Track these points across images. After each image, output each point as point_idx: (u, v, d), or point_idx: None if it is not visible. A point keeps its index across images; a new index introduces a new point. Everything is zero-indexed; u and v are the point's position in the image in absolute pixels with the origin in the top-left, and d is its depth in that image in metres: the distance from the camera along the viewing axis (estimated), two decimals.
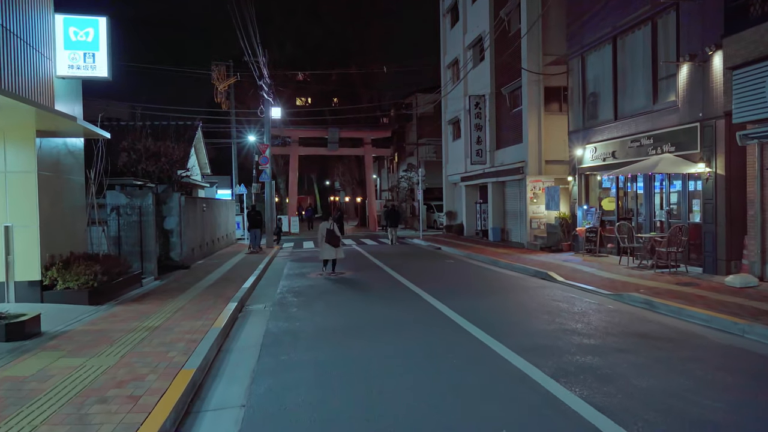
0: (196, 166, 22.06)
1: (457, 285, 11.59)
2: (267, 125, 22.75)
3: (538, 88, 18.94)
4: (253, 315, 8.80)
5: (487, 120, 22.87)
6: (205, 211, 17.95)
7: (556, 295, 9.79)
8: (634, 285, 10.19)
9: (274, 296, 10.53)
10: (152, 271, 12.14)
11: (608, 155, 14.42)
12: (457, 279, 12.64)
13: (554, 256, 15.68)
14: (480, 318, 7.82)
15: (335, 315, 8.55)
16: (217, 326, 7.30)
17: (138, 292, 10.37)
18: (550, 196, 17.70)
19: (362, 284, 12.00)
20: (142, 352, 5.98)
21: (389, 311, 8.74)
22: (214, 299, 9.54)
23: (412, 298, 9.91)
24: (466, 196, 26.52)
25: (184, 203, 14.88)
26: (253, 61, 20.87)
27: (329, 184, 64.54)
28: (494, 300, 9.54)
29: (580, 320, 7.65)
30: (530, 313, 8.19)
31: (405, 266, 14.89)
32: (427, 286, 11.12)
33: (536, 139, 19.02)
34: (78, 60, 9.15)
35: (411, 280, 11.97)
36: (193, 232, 16.10)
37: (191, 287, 11.08)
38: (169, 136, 15.64)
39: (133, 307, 8.74)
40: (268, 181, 22.26)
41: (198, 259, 16.60)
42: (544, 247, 17.49)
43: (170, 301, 9.31)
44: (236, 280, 12.20)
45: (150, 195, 12.13)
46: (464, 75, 25.54)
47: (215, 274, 13.33)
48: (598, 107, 15.15)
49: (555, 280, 11.58)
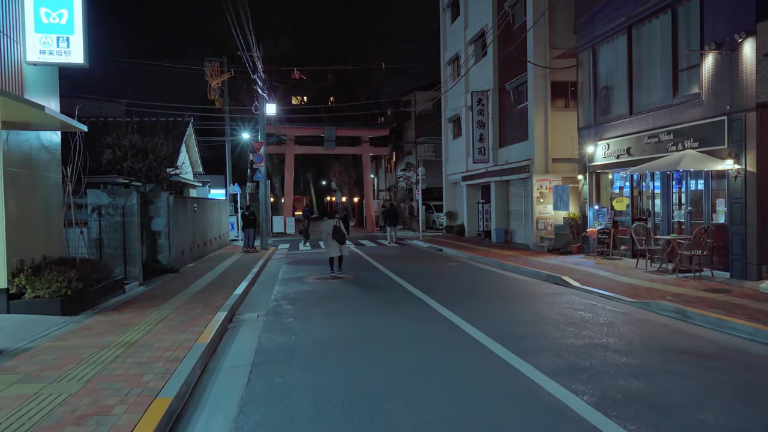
0: (188, 165, 21.18)
1: (465, 291, 10.77)
2: (261, 122, 21.88)
3: (545, 83, 18.15)
4: (245, 326, 7.95)
5: (490, 117, 22.08)
6: (196, 211, 17.08)
7: (575, 303, 8.98)
8: (658, 291, 9.39)
9: (268, 303, 9.69)
10: (137, 276, 11.27)
11: (622, 152, 13.63)
12: (464, 284, 11.82)
13: (564, 258, 14.88)
14: (498, 331, 7.00)
15: (336, 326, 7.71)
16: (202, 341, 6.46)
17: (119, 300, 9.51)
18: (558, 196, 16.90)
19: (363, 289, 11.17)
20: (113, 376, 5.13)
21: (395, 322, 7.90)
22: (202, 308, 8.69)
23: (419, 306, 9.08)
24: (468, 195, 25.72)
25: (173, 203, 14.01)
26: (248, 56, 20.02)
27: (326, 184, 63.69)
28: (509, 309, 8.72)
29: (610, 333, 6.83)
30: (552, 325, 7.37)
31: (407, 270, 14.07)
32: (433, 292, 10.30)
33: (543, 136, 18.22)
34: (50, 44, 8.28)
35: (415, 285, 11.15)
36: (183, 233, 15.23)
37: (178, 294, 10.23)
38: (157, 133, 14.76)
39: (111, 318, 7.87)
40: (263, 180, 21.39)
41: (189, 261, 15.73)
42: (551, 249, 16.70)
43: (153, 311, 8.46)
44: (228, 285, 11.35)
45: (134, 194, 11.27)
46: (466, 71, 24.75)
47: (205, 279, 12.47)
48: (611, 102, 14.36)
49: (570, 285, 10.77)
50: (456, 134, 27.98)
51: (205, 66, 29.50)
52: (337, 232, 12.91)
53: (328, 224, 13.19)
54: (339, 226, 13.01)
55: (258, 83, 19.99)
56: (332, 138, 32.02)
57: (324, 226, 13.34)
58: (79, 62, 8.44)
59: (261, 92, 21.02)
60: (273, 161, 36.45)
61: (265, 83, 21.39)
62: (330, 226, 13.06)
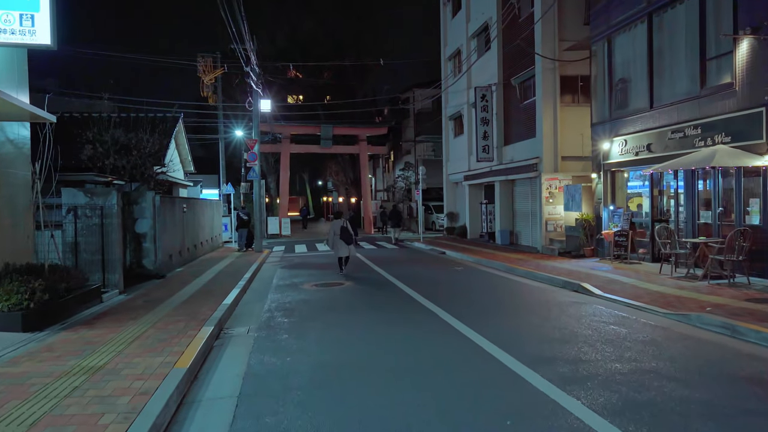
0: (177, 163, 20.16)
1: (477, 300, 9.81)
2: (255, 119, 20.89)
3: (554, 77, 17.23)
4: (233, 343, 6.98)
5: (494, 114, 21.15)
6: (185, 212, 16.08)
7: (603, 315, 8.04)
8: (693, 301, 8.47)
9: (260, 315, 8.71)
10: (117, 284, 10.27)
11: (642, 149, 12.72)
12: (474, 292, 10.86)
13: (577, 262, 13.95)
14: (525, 351, 6.06)
15: (337, 344, 6.74)
16: (181, 366, 5.49)
17: (94, 311, 8.52)
18: (569, 196, 15.98)
19: (366, 299, 10.20)
20: (65, 416, 4.16)
21: (405, 339, 6.94)
22: (186, 321, 7.71)
23: (429, 318, 8.13)
24: (470, 196, 24.78)
25: (160, 203, 13.02)
26: (241, 48, 19.04)
27: (322, 185, 62.71)
28: (530, 322, 7.77)
29: (656, 355, 5.89)
30: (587, 344, 6.42)
31: (410, 275, 13.11)
32: (443, 301, 9.35)
33: (552, 133, 17.30)
34: (12, 23, 7.28)
35: (421, 293, 10.19)
36: (170, 236, 14.24)
37: (161, 303, 9.24)
38: (143, 129, 13.76)
39: (79, 335, 6.89)
40: (257, 180, 20.41)
41: (177, 266, 14.73)
42: (562, 252, 15.77)
43: (130, 325, 7.48)
44: (217, 293, 10.37)
45: (114, 194, 10.27)
46: (468, 67, 23.81)
47: (193, 286, 11.48)
48: (629, 95, 13.45)
49: (592, 293, 9.84)
50: (457, 132, 27.05)
51: (197, 62, 28.53)
52: (344, 232, 13.23)
53: (336, 225, 13.45)
54: (346, 226, 13.31)
55: (251, 77, 18.99)
56: (329, 136, 31.04)
57: (331, 227, 13.63)
58: (45, 43, 7.44)
59: (255, 87, 20.03)
60: (268, 160, 35.45)
61: (260, 78, 20.41)
62: (337, 227, 13.33)
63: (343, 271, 13.45)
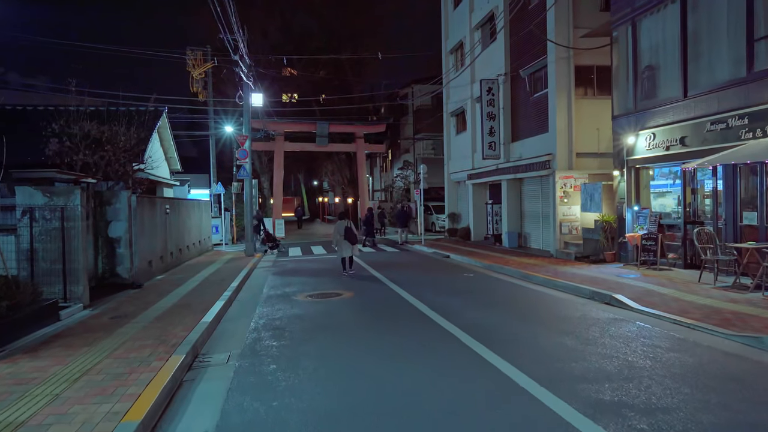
0: (162, 161, 18.77)
1: (496, 315, 8.49)
2: (246, 113, 19.51)
3: (568, 67, 15.93)
4: (208, 377, 5.64)
5: (501, 108, 19.86)
6: (168, 213, 14.71)
7: (653, 337, 6.73)
8: (756, 318, 7.18)
9: (244, 336, 7.37)
10: (81, 297, 8.91)
11: (673, 142, 11.44)
12: (490, 304, 9.54)
13: (599, 268, 12.66)
14: (579, 393, 4.75)
15: (337, 382, 5.40)
16: (132, 418, 4.16)
17: (47, 333, 7.16)
18: (587, 195, 14.68)
19: (368, 314, 8.87)
20: None
21: (423, 375, 5.61)
22: (153, 347, 6.37)
23: (444, 340, 6.81)
24: (474, 195, 23.47)
25: (137, 204, 11.67)
26: (230, 38, 17.67)
27: (317, 185, 61.34)
28: (572, 347, 6.45)
29: (749, 398, 4.59)
30: (655, 381, 5.11)
31: (416, 283, 11.79)
32: (457, 317, 8.03)
33: (566, 128, 16.00)
34: None
35: (432, 307, 8.87)
36: (150, 240, 12.88)
37: (130, 321, 7.90)
38: (119, 123, 12.39)
39: (14, 368, 5.54)
40: (248, 178, 19.04)
41: (158, 273, 13.37)
42: (579, 257, 14.48)
43: (84, 352, 6.14)
44: (197, 306, 9.02)
45: (77, 193, 8.89)
46: (472, 59, 22.49)
47: (172, 297, 10.13)
48: (657, 83, 12.16)
49: (628, 307, 8.54)
50: (459, 129, 25.75)
51: (186, 56, 27.16)
52: (348, 232, 13.40)
53: (340, 225, 13.58)
54: (350, 227, 13.54)
55: (240, 67, 17.61)
56: (325, 133, 29.67)
57: (335, 228, 13.75)
58: None
59: (245, 79, 18.66)
60: (261, 159, 34.06)
61: (250, 70, 19.03)
62: (342, 228, 13.47)
63: (347, 272, 13.50)
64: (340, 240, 13.44)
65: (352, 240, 13.45)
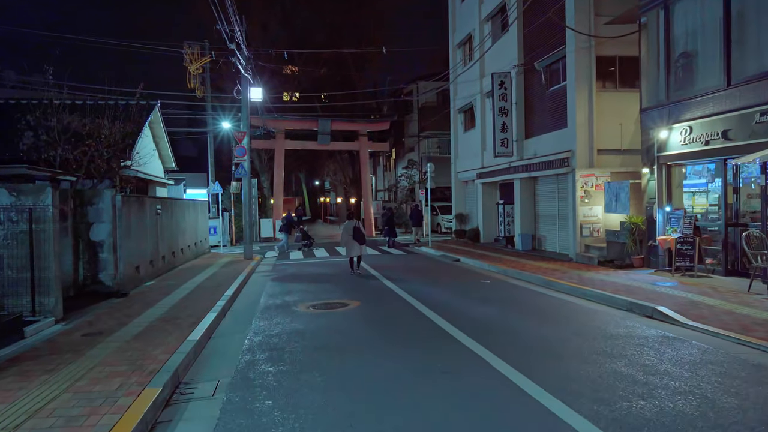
0: (155, 158, 17.71)
1: (530, 333, 7.39)
2: (245, 108, 18.45)
3: (589, 57, 14.84)
4: (187, 419, 4.57)
5: (514, 103, 18.78)
6: (160, 214, 13.64)
7: (723, 362, 5.65)
8: None
9: (237, 358, 6.30)
10: (53, 309, 7.84)
11: (714, 136, 10.36)
12: (520, 319, 8.45)
13: (627, 275, 11.57)
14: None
15: (349, 424, 4.32)
16: None
17: (3, 355, 6.10)
18: (612, 195, 13.59)
19: (379, 330, 7.79)
20: None
21: (453, 415, 4.54)
22: (126, 374, 5.31)
23: (470, 363, 5.73)
24: (483, 195, 22.39)
25: (122, 204, 10.61)
26: (227, 29, 16.60)
27: (319, 184, 60.28)
28: (631, 378, 5.36)
29: None
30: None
31: (428, 292, 10.72)
32: (482, 333, 6.96)
33: (586, 123, 14.92)
34: None
35: (450, 320, 7.80)
36: (138, 243, 11.81)
37: (105, 339, 6.84)
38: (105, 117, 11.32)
39: None
40: (246, 177, 17.99)
41: (147, 279, 12.30)
42: (603, 261, 13.40)
43: (41, 381, 5.07)
44: (185, 320, 7.96)
45: (48, 191, 7.83)
46: (482, 53, 21.41)
47: (158, 308, 9.06)
48: (695, 72, 11.09)
49: (675, 321, 7.47)
50: (468, 126, 24.68)
51: (183, 50, 26.10)
52: (357, 233, 13.56)
53: (349, 226, 13.70)
54: (359, 227, 13.69)
55: (238, 58, 16.53)
56: (327, 131, 28.57)
57: (344, 228, 13.86)
58: None
59: (243, 72, 17.60)
60: (261, 158, 32.99)
61: (249, 62, 17.97)
62: (351, 228, 13.61)
63: (354, 271, 13.69)
64: (349, 240, 13.56)
65: (361, 240, 13.60)
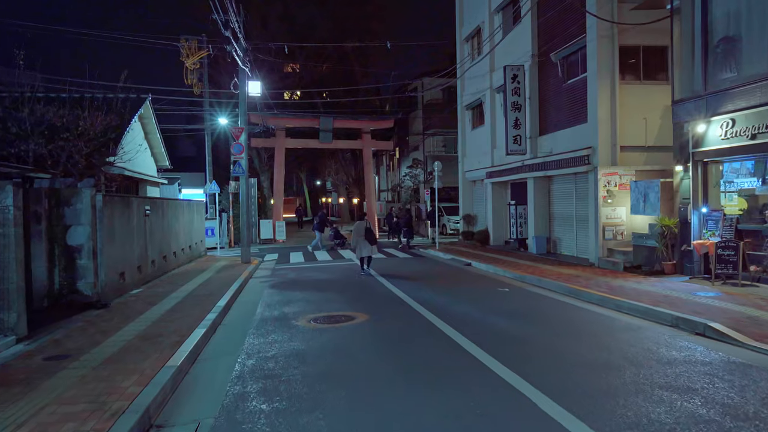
0: (146, 156, 16.66)
1: (572, 359, 6.34)
2: (242, 103, 17.40)
3: (612, 47, 13.76)
4: None
5: (527, 98, 17.72)
6: (149, 215, 12.61)
7: None
8: None
9: (224, 390, 5.24)
10: (14, 327, 6.79)
11: (763, 129, 9.29)
12: (553, 336, 7.38)
13: (661, 283, 10.50)
14: None
15: None
16: None
17: None
18: (639, 194, 12.52)
19: (394, 352, 6.73)
20: None
21: None
22: (84, 416, 4.27)
23: (518, 406, 4.68)
24: (493, 195, 21.31)
25: (104, 205, 9.57)
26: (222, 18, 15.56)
27: (320, 184, 59.21)
28: (716, 422, 4.32)
29: None
30: None
31: (442, 302, 9.67)
32: (513, 358, 5.92)
33: (608, 117, 13.85)
34: None
35: (477, 342, 6.74)
36: (123, 247, 10.76)
37: (70, 364, 5.79)
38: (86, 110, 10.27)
39: None
40: (244, 175, 16.94)
41: (133, 286, 11.26)
42: (629, 267, 12.34)
43: None
44: (167, 337, 6.92)
45: (9, 189, 6.78)
46: (492, 46, 20.33)
47: (140, 322, 8.02)
48: (738, 58, 10.01)
49: (735, 341, 6.41)
50: (476, 123, 23.61)
51: (180, 44, 25.07)
52: (368, 233, 13.64)
53: (360, 226, 13.77)
54: (369, 227, 13.76)
55: (234, 48, 15.48)
56: (329, 128, 27.48)
57: (355, 229, 13.92)
58: None
59: (241, 64, 16.56)
60: (261, 157, 31.95)
61: (246, 54, 16.92)
62: (362, 228, 13.68)
63: (365, 271, 13.77)
64: (360, 240, 13.59)
65: (372, 240, 13.66)
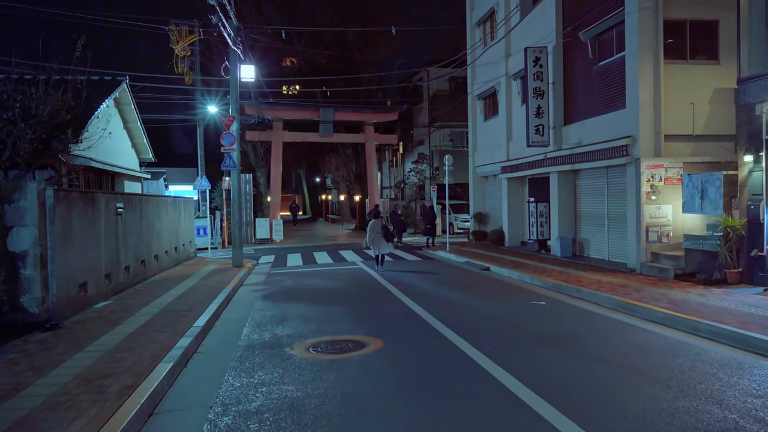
0: (127, 148, 14.85)
1: (672, 420, 4.58)
2: (234, 89, 15.59)
3: (656, 21, 11.99)
4: None
5: (551, 84, 15.95)
6: (122, 214, 10.84)
7: None
8: None
9: None
10: None
11: None
12: (629, 378, 5.62)
13: (730, 295, 8.73)
14: None
15: None
16: None
17: None
18: (694, 190, 10.74)
19: (424, 404, 4.95)
20: None
21: None
22: None
23: None
24: (509, 192, 19.55)
25: (56, 201, 7.79)
26: None
27: (320, 181, 57.37)
28: None
29: None
30: None
31: (474, 323, 7.90)
32: (598, 419, 4.15)
33: (651, 102, 12.07)
34: None
35: (536, 389, 4.98)
36: (84, 252, 8.98)
37: None
38: (41, 89, 8.48)
39: None
40: (235, 169, 15.17)
41: (100, 298, 9.48)
42: (680, 275, 10.58)
43: None
44: (117, 379, 5.15)
45: None
46: (508, 29, 18.51)
47: (89, 353, 6.24)
48: None
49: None
50: (489, 114, 21.83)
51: (169, 30, 23.26)
52: (386, 231, 14.02)
53: (376, 224, 14.06)
54: (386, 224, 14.25)
55: (222, 22, 13.67)
56: (329, 120, 25.72)
57: (371, 227, 14.07)
58: None
59: (232, 45, 14.76)
60: (257, 151, 30.16)
61: (238, 34, 15.12)
62: (378, 226, 14.00)
63: (378, 268, 13.99)
64: (377, 237, 13.87)
65: (389, 238, 14.09)
